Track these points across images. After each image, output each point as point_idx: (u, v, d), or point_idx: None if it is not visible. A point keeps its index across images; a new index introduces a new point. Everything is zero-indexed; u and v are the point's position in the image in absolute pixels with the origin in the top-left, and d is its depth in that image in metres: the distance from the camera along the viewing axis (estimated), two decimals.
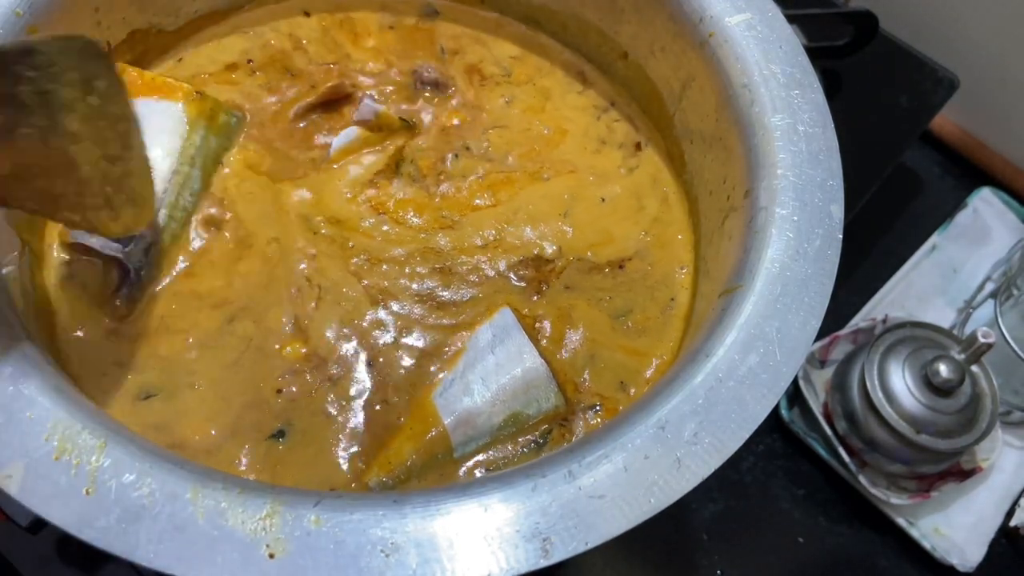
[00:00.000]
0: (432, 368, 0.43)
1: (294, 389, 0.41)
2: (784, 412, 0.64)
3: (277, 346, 0.42)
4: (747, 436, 0.33)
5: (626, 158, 0.51)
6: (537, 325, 0.45)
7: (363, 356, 0.43)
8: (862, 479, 0.61)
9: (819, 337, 0.60)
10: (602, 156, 0.51)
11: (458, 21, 0.56)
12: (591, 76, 0.55)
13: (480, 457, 0.41)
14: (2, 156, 0.31)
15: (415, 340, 0.44)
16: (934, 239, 0.73)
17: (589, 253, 0.47)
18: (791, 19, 0.46)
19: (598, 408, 0.42)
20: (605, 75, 0.55)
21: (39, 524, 0.47)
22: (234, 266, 0.45)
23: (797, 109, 0.42)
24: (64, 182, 0.34)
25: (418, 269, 0.46)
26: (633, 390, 0.43)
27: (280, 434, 0.40)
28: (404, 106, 0.52)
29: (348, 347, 0.43)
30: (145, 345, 0.42)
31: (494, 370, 0.42)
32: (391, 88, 0.53)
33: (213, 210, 0.46)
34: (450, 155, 0.50)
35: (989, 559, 0.61)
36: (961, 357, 0.58)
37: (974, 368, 0.60)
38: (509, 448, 0.41)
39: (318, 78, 0.52)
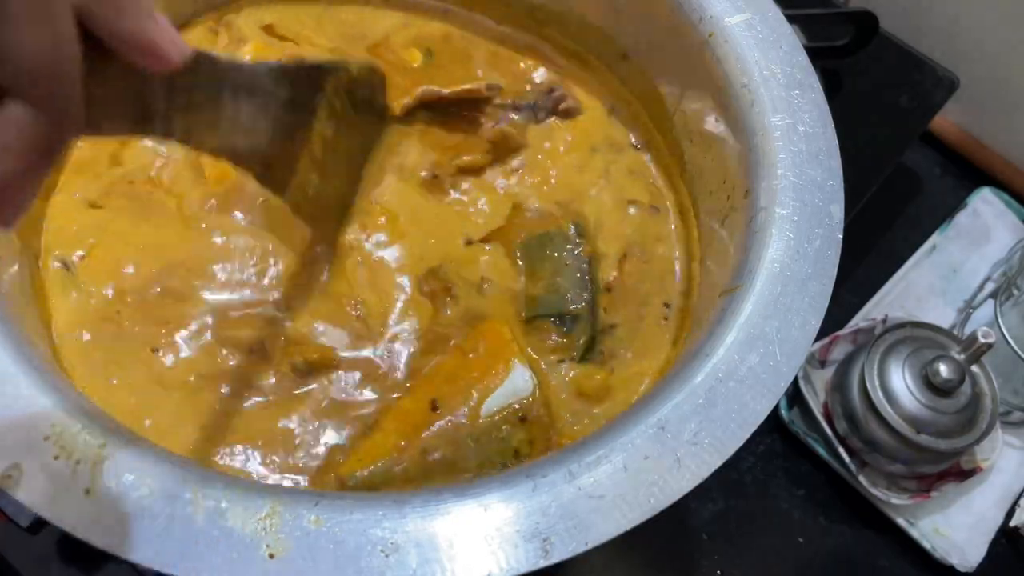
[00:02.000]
0: None
1: None
2: (784, 412, 0.64)
3: None
4: (747, 436, 0.33)
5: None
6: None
7: None
8: (862, 479, 0.61)
9: (819, 337, 0.60)
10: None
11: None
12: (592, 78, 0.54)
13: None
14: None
15: None
16: (934, 239, 0.73)
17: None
18: (791, 19, 0.46)
19: None
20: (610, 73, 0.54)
21: (39, 524, 0.47)
22: None
23: (797, 109, 0.42)
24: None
25: None
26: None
27: None
28: None
29: None
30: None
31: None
32: None
33: None
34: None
35: (989, 559, 0.61)
36: (961, 357, 0.58)
37: (974, 368, 0.60)
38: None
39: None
